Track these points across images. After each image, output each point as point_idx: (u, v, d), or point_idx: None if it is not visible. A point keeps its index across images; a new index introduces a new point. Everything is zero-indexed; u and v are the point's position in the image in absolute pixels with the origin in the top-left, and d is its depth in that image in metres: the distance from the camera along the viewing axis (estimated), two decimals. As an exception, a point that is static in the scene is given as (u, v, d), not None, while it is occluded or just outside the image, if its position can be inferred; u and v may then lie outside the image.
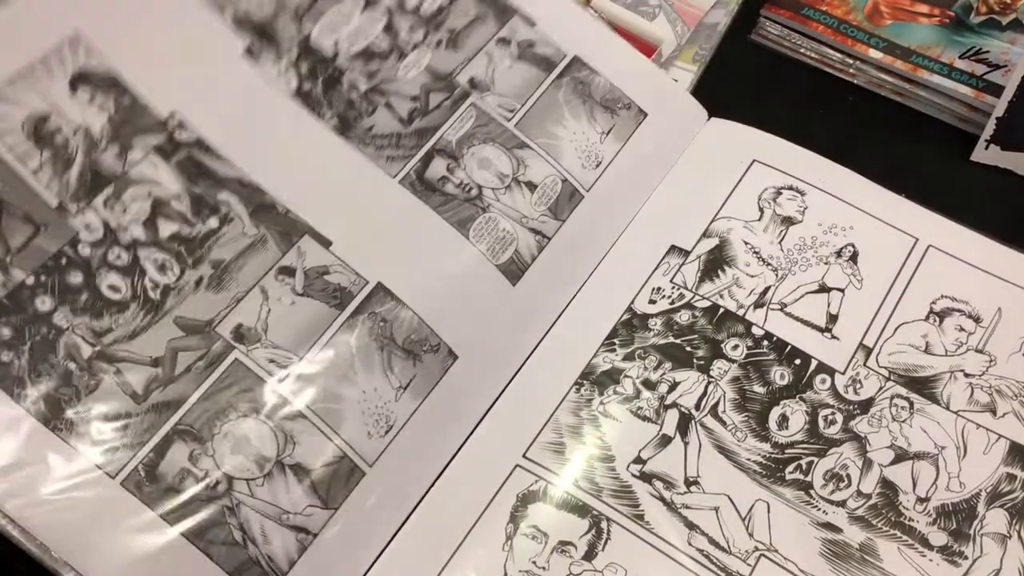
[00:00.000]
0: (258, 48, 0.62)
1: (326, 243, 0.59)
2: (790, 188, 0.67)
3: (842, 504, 0.57)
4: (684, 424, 0.59)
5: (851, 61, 0.74)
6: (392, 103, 0.64)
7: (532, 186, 0.65)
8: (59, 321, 0.52)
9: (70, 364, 0.51)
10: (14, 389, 0.50)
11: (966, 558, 0.55)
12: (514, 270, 0.62)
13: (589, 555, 0.54)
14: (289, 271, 0.57)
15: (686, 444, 0.58)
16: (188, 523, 0.51)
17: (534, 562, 0.54)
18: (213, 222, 0.57)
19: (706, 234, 0.66)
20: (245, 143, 0.59)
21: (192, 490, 0.51)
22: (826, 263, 0.64)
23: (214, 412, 0.53)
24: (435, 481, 0.56)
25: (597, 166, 0.67)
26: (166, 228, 0.56)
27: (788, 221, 0.66)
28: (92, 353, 0.52)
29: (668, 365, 0.61)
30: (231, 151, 0.59)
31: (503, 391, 0.59)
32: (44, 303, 0.52)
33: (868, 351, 0.61)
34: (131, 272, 0.54)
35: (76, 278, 0.53)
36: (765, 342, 0.62)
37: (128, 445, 0.51)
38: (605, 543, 0.55)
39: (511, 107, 0.67)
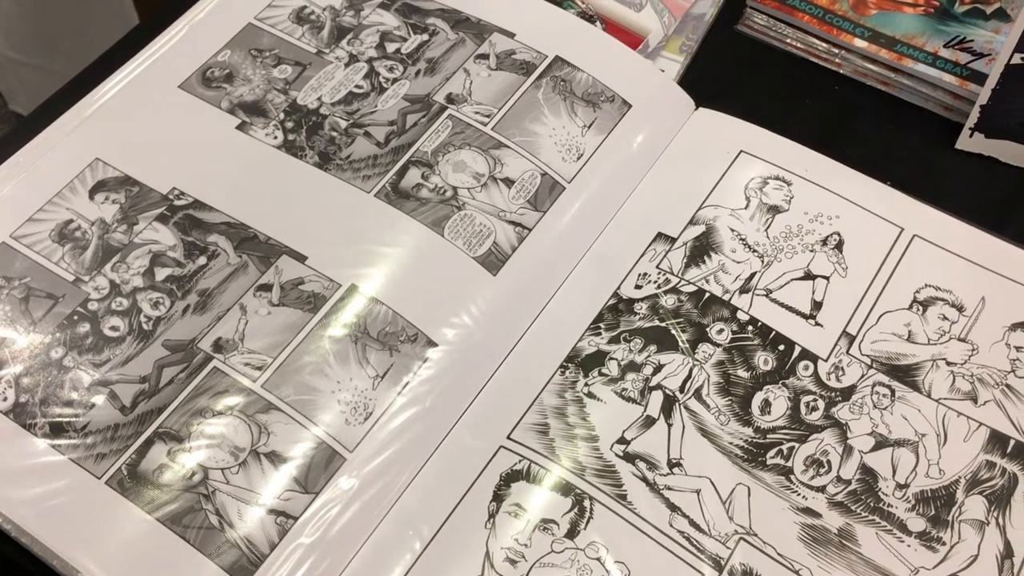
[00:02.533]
0: (248, 122, 0.67)
1: (302, 258, 0.61)
2: (776, 178, 0.68)
3: (822, 490, 0.57)
4: (668, 406, 0.59)
5: (836, 51, 0.74)
6: (370, 131, 0.67)
7: (509, 182, 0.65)
8: (67, 363, 0.58)
9: (72, 393, 0.56)
10: (27, 421, 0.56)
11: (944, 544, 0.55)
12: (493, 261, 0.62)
13: (571, 533, 0.55)
14: (267, 287, 0.60)
15: (670, 426, 0.58)
16: (164, 511, 0.53)
17: (516, 539, 0.54)
18: (202, 260, 0.61)
19: (693, 221, 0.66)
20: (234, 194, 0.64)
21: (169, 481, 0.54)
22: (811, 251, 0.65)
23: (192, 413, 0.56)
24: (423, 465, 0.57)
25: (578, 158, 0.67)
26: (161, 273, 0.61)
27: (774, 210, 0.66)
28: (91, 381, 0.57)
29: (653, 348, 0.61)
30: (221, 203, 0.63)
31: (491, 375, 0.60)
32: (57, 352, 0.59)
33: (851, 339, 0.62)
34: (129, 313, 0.59)
35: (84, 328, 0.59)
36: (750, 327, 0.62)
37: (114, 451, 0.55)
38: (587, 522, 0.55)
39: (488, 112, 0.68)
